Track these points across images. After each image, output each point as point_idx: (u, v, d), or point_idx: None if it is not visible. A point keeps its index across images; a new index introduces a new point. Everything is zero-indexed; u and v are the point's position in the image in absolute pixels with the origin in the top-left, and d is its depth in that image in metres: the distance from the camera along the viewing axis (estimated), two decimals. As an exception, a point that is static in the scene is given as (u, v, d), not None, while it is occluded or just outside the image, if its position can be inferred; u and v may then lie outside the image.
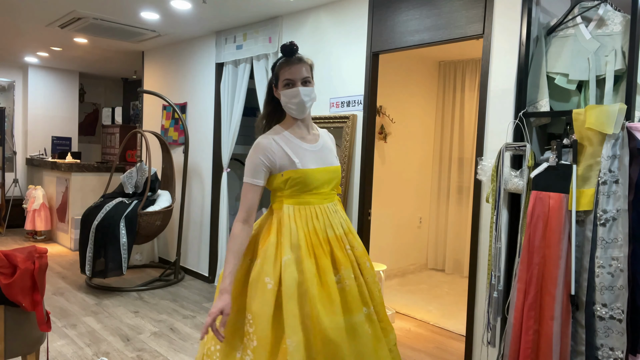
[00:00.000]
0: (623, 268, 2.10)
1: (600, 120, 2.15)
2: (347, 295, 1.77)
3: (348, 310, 1.76)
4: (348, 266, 1.81)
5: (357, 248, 1.90)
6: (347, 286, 1.78)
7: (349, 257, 1.84)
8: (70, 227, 5.93)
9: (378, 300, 1.89)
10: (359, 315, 1.77)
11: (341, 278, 1.79)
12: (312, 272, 1.73)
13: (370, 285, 1.88)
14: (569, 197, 2.24)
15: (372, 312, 1.83)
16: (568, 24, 2.52)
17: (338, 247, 1.83)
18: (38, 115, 7.33)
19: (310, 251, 1.77)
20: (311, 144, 1.90)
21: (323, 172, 1.87)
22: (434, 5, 3.01)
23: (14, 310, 2.19)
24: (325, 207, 1.87)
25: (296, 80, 1.82)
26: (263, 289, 1.71)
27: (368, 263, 1.92)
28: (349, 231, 1.92)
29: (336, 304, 1.72)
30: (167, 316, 3.81)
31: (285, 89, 1.83)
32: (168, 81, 5.41)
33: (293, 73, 1.82)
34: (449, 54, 5.21)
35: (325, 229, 1.83)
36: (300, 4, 3.73)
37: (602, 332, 2.15)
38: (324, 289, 1.73)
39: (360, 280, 1.84)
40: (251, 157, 1.83)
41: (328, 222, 1.84)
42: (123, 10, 4.13)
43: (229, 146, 4.52)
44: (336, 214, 1.90)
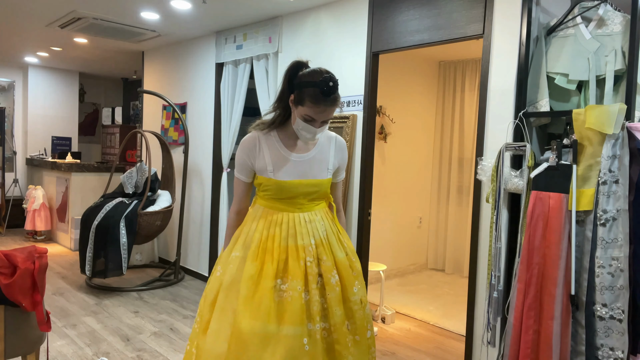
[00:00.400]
0: (623, 268, 2.10)
1: (600, 120, 2.15)
2: (286, 305, 1.73)
3: (283, 320, 1.71)
4: (298, 278, 1.75)
5: (325, 261, 1.82)
6: (289, 297, 1.73)
7: (305, 269, 1.78)
8: (70, 227, 5.93)
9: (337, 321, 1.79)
10: (295, 327, 1.70)
11: (287, 287, 1.75)
12: (249, 274, 1.76)
13: (329, 303, 1.79)
14: (569, 197, 2.24)
15: (316, 331, 1.75)
16: (568, 24, 2.52)
17: (295, 257, 1.78)
18: (38, 115, 7.33)
19: (257, 255, 1.79)
20: (298, 154, 1.85)
21: (298, 184, 1.82)
22: (434, 5, 3.01)
23: (14, 310, 2.19)
24: (296, 216, 1.83)
25: (318, 121, 1.76)
26: (214, 274, 1.88)
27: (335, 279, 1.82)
28: (321, 243, 1.84)
29: (262, 309, 1.70)
30: (167, 316, 3.81)
31: (303, 120, 1.76)
32: (168, 81, 5.41)
33: (319, 115, 1.74)
34: (449, 54, 5.21)
35: (287, 238, 1.80)
36: (300, 4, 3.73)
37: (602, 332, 2.15)
38: (257, 293, 1.73)
39: (313, 294, 1.76)
40: (238, 154, 1.90)
41: (292, 232, 1.81)
42: (123, 10, 4.13)
43: (229, 146, 4.52)
44: (309, 224, 1.84)
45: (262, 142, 1.84)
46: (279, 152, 1.84)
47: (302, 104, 1.73)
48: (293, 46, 3.95)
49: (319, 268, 1.81)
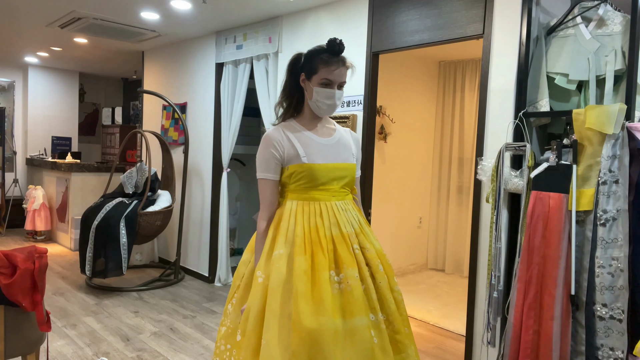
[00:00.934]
0: (623, 268, 2.10)
1: (600, 120, 2.15)
2: (348, 296, 1.65)
3: (347, 312, 1.63)
4: (352, 265, 1.69)
5: (368, 249, 1.78)
6: (349, 286, 1.65)
7: (356, 257, 1.73)
8: (70, 227, 5.93)
9: (393, 309, 1.74)
10: (361, 318, 1.63)
11: (343, 277, 1.67)
12: (301, 268, 1.64)
13: (382, 291, 1.74)
14: (569, 197, 2.24)
15: (380, 321, 1.69)
16: (568, 24, 2.52)
17: (343, 245, 1.72)
18: (38, 115, 7.33)
19: (305, 248, 1.69)
20: (324, 137, 1.82)
21: (332, 168, 1.78)
22: (434, 5, 3.01)
23: (14, 310, 2.19)
24: (332, 204, 1.77)
25: (334, 82, 1.75)
26: (255, 282, 1.70)
27: (381, 267, 1.78)
28: (360, 231, 1.80)
29: (326, 303, 1.60)
30: (167, 316, 3.81)
31: (321, 87, 1.75)
32: (168, 81, 5.41)
33: (336, 75, 1.75)
34: (449, 54, 5.21)
35: (330, 227, 1.73)
36: (300, 4, 3.73)
37: (602, 332, 2.15)
38: (315, 287, 1.62)
39: (369, 283, 1.71)
40: (261, 152, 1.79)
41: (334, 220, 1.75)
42: (123, 10, 4.13)
43: (229, 146, 4.52)
44: (346, 212, 1.79)
45: (287, 132, 1.79)
46: (307, 137, 1.79)
47: (316, 72, 1.75)
48: (293, 46, 3.95)
49: (364, 256, 1.76)
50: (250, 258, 1.84)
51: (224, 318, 1.83)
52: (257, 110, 4.34)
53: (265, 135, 1.80)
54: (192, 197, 5.05)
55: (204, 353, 3.16)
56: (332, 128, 1.88)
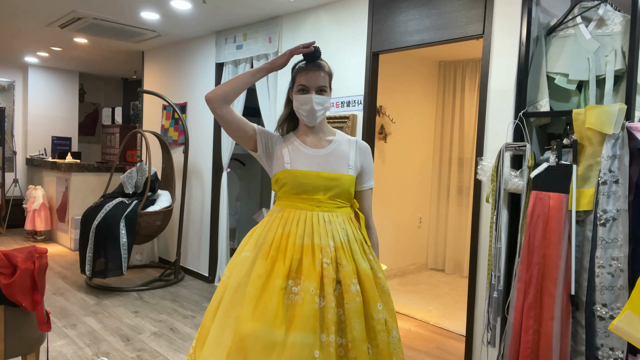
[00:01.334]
0: (623, 268, 2.10)
1: (600, 120, 2.15)
2: (297, 309, 1.55)
3: (292, 326, 1.53)
4: (311, 279, 1.58)
5: (344, 266, 1.64)
6: (300, 299, 1.56)
7: (322, 271, 1.61)
8: (70, 227, 5.93)
9: (357, 336, 1.58)
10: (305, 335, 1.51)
11: (299, 290, 1.58)
12: (257, 273, 1.62)
13: (348, 314, 1.59)
14: (569, 197, 2.24)
15: (331, 343, 1.55)
16: (568, 24, 2.52)
17: (310, 256, 1.63)
18: (38, 115, 7.33)
19: (269, 253, 1.66)
20: (315, 149, 1.80)
21: (316, 176, 1.74)
22: (434, 5, 3.01)
23: (14, 310, 2.19)
24: (314, 214, 1.70)
25: (311, 88, 1.76)
26: (221, 280, 1.76)
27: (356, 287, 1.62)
28: (342, 246, 1.67)
29: (269, 311, 1.53)
30: (167, 316, 3.81)
31: (299, 94, 1.78)
32: (168, 81, 5.41)
33: (309, 79, 1.77)
34: (449, 54, 5.21)
35: (303, 236, 1.66)
36: (300, 4, 3.73)
37: (602, 332, 2.15)
38: (264, 293, 1.58)
39: (329, 300, 1.58)
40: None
41: (309, 230, 1.67)
42: (123, 10, 4.13)
43: (229, 146, 4.52)
44: (330, 224, 1.70)
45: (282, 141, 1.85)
46: (296, 147, 1.81)
47: (294, 81, 1.81)
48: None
49: (337, 273, 1.64)
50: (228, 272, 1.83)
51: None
52: (257, 110, 4.34)
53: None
54: (192, 197, 5.05)
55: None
56: (329, 140, 1.84)
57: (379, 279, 1.72)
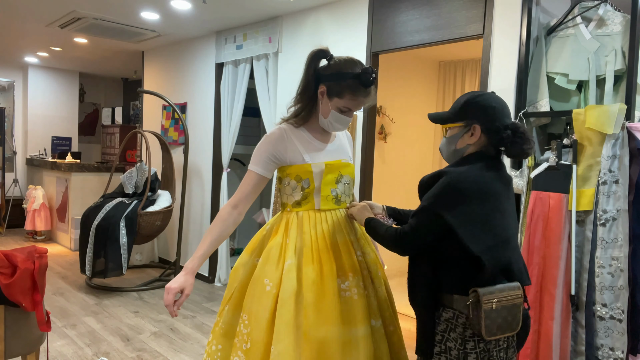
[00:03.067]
0: (623, 268, 2.10)
1: (600, 120, 2.15)
2: (354, 304, 1.65)
3: (351, 321, 1.63)
4: (357, 273, 1.70)
5: (368, 254, 1.79)
6: (354, 294, 1.66)
7: (359, 265, 1.73)
8: (70, 227, 5.93)
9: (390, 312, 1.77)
10: (364, 328, 1.65)
11: (349, 286, 1.67)
12: (310, 279, 1.62)
13: (380, 296, 1.75)
14: (569, 197, 2.24)
15: (380, 326, 1.71)
16: (568, 24, 2.52)
17: (347, 252, 1.71)
18: (38, 115, 7.33)
19: (313, 256, 1.66)
20: (326, 143, 1.80)
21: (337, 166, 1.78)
22: (434, 5, 3.01)
23: (14, 310, 2.19)
24: (336, 211, 1.77)
25: (353, 111, 1.73)
26: (262, 291, 1.65)
27: (380, 271, 1.80)
28: (362, 236, 1.82)
29: (335, 313, 1.60)
30: (167, 316, 3.81)
31: (338, 112, 1.70)
32: (168, 81, 5.41)
33: (357, 105, 1.70)
34: (449, 54, 5.21)
35: (335, 234, 1.72)
36: (300, 4, 3.73)
37: (602, 332, 2.15)
38: (324, 297, 1.61)
39: (370, 290, 1.73)
40: (260, 146, 1.74)
41: (339, 227, 1.74)
42: (123, 10, 4.13)
43: (229, 146, 4.52)
44: (347, 218, 1.80)
45: (291, 135, 1.74)
46: (311, 144, 1.76)
47: (341, 96, 1.67)
48: (293, 46, 3.95)
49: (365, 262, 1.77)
50: (249, 260, 1.80)
51: (218, 318, 1.81)
52: (257, 110, 4.34)
53: (269, 133, 1.76)
54: (192, 197, 5.05)
55: (203, 353, 3.16)
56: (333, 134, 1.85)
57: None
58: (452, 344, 1.42)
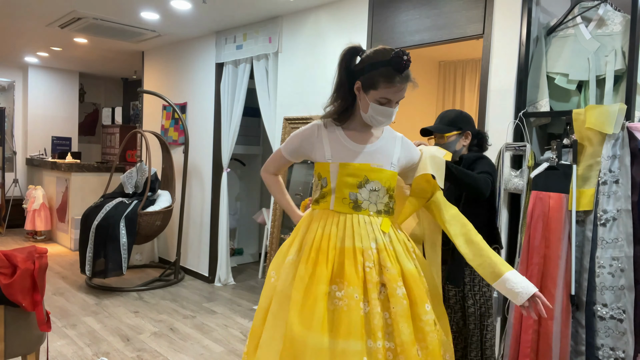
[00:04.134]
0: (623, 268, 2.10)
1: (600, 120, 2.15)
2: (343, 316, 1.52)
3: (338, 332, 1.51)
4: (355, 284, 1.55)
5: (388, 269, 1.59)
6: (345, 305, 1.53)
7: (365, 276, 1.57)
8: (70, 227, 5.94)
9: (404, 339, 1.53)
10: (355, 343, 1.49)
11: (343, 295, 1.55)
12: (300, 276, 1.58)
13: (394, 317, 1.55)
14: (569, 197, 2.24)
15: (379, 349, 1.51)
16: (568, 24, 2.52)
17: (352, 260, 1.58)
18: (38, 115, 7.33)
19: (310, 256, 1.62)
20: (360, 144, 1.69)
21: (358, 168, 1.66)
22: (434, 5, 3.01)
23: (14, 310, 2.19)
24: (354, 216, 1.64)
25: (393, 100, 1.64)
26: (268, 281, 1.73)
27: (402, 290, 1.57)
28: (384, 249, 1.62)
29: (315, 318, 1.51)
30: (167, 316, 3.81)
31: (377, 104, 1.63)
32: (168, 81, 5.41)
33: (396, 94, 1.62)
34: (449, 54, 5.21)
35: (344, 238, 1.61)
36: (300, 4, 3.73)
37: (602, 332, 2.15)
38: (309, 299, 1.54)
39: (374, 305, 1.54)
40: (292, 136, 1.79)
41: (350, 232, 1.62)
42: (123, 10, 4.13)
43: (229, 146, 4.52)
44: (369, 225, 1.64)
45: (323, 132, 1.71)
46: (339, 142, 1.69)
47: (376, 87, 1.61)
48: (293, 46, 3.95)
49: (381, 276, 1.59)
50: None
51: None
52: (257, 110, 4.34)
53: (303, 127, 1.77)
54: (192, 197, 5.05)
55: (203, 353, 3.16)
56: (376, 136, 1.74)
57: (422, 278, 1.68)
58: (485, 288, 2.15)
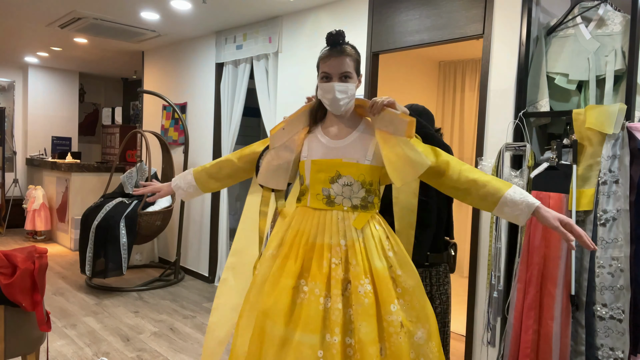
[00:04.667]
0: (623, 268, 2.10)
1: (600, 120, 2.15)
2: (302, 309, 1.56)
3: (295, 324, 1.55)
4: (317, 280, 1.58)
5: (354, 266, 1.59)
6: (305, 300, 1.57)
7: (329, 272, 1.59)
8: (70, 227, 5.93)
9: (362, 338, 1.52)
10: (310, 336, 1.51)
11: (308, 289, 1.59)
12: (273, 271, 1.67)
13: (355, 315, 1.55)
14: (569, 197, 2.24)
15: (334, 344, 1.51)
16: (568, 24, 2.52)
17: (318, 257, 1.61)
18: (38, 115, 7.33)
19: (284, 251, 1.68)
20: (335, 140, 1.71)
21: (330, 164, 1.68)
22: (434, 5, 3.01)
23: (14, 310, 2.19)
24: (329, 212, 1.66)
25: (333, 75, 1.66)
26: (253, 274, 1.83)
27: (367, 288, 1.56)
28: (353, 245, 1.62)
29: (277, 309, 1.58)
30: (167, 316, 3.81)
31: (322, 82, 1.69)
32: (168, 81, 5.41)
33: (331, 67, 1.67)
34: (449, 54, 5.21)
35: (316, 235, 1.65)
36: (300, 4, 3.73)
37: (602, 332, 2.15)
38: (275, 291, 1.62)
39: (335, 302, 1.55)
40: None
41: (322, 228, 1.65)
42: (123, 10, 4.13)
43: (229, 146, 4.52)
44: (342, 222, 1.64)
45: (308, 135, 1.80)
46: (318, 141, 1.74)
47: (318, 70, 1.72)
48: (293, 46, 3.95)
49: (347, 273, 1.60)
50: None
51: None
52: (257, 110, 4.33)
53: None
54: (192, 197, 5.05)
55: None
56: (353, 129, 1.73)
57: (398, 276, 1.63)
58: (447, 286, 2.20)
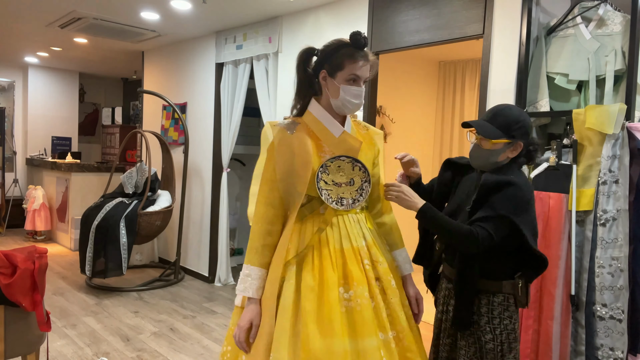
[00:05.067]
0: (623, 268, 2.10)
1: (600, 120, 2.15)
2: (358, 316, 1.56)
3: (356, 333, 1.55)
4: (363, 283, 1.60)
5: (381, 263, 1.68)
6: (358, 305, 1.57)
7: (366, 274, 1.63)
8: (70, 227, 5.93)
9: (405, 325, 1.64)
10: (370, 340, 1.55)
11: (353, 295, 1.58)
12: (309, 286, 1.56)
13: (393, 307, 1.65)
14: (569, 197, 2.24)
15: (390, 340, 1.59)
16: (568, 24, 2.52)
17: (353, 260, 1.62)
18: (38, 115, 7.33)
19: (313, 263, 1.60)
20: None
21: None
22: (434, 6, 3.01)
23: (14, 310, 2.19)
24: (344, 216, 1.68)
25: (361, 79, 1.65)
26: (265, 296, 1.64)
27: (394, 281, 1.69)
28: (373, 244, 1.70)
29: (336, 324, 1.52)
30: (167, 316, 3.81)
31: (348, 84, 1.64)
32: (168, 81, 5.41)
33: (363, 70, 1.64)
34: (449, 54, 5.21)
35: (341, 240, 1.64)
36: (300, 4, 3.73)
37: (602, 332, 2.15)
38: (324, 307, 1.54)
39: (379, 300, 1.62)
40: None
41: (345, 232, 1.65)
42: (123, 10, 4.13)
43: (229, 146, 4.52)
44: (357, 224, 1.69)
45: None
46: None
47: (342, 67, 1.65)
48: (293, 46, 3.95)
49: (375, 271, 1.67)
50: None
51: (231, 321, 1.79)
52: (257, 110, 4.33)
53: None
54: (192, 197, 5.05)
55: (203, 353, 3.16)
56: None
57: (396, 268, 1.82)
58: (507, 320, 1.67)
